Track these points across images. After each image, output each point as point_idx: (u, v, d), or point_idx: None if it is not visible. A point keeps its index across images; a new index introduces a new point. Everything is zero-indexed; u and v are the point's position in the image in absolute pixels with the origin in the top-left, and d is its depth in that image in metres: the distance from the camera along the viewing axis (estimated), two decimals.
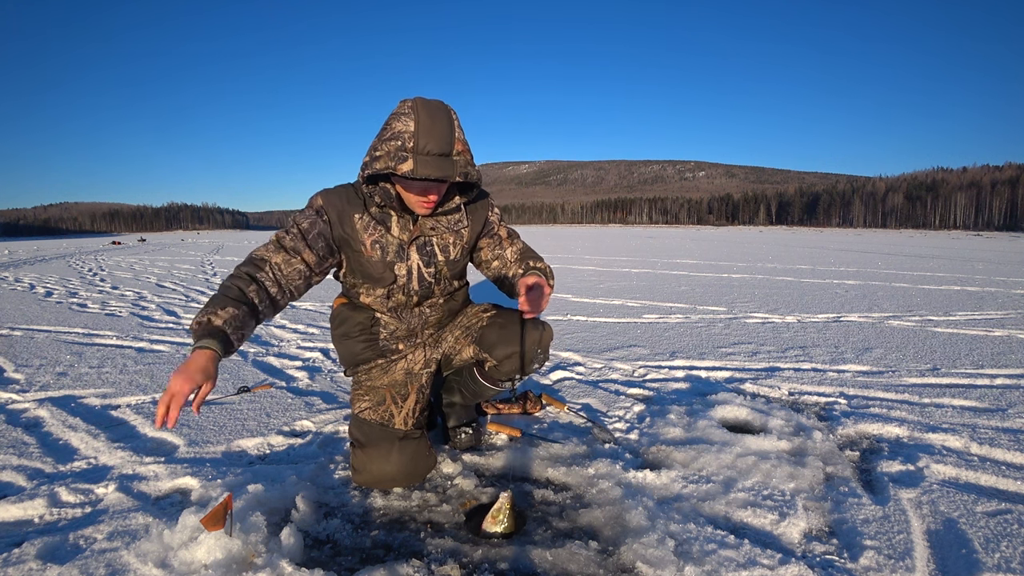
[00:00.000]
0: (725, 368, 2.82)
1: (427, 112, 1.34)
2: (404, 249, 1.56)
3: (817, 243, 20.93)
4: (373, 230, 1.54)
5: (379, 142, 1.37)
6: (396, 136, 1.33)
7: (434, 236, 1.59)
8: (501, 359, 1.66)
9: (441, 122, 1.34)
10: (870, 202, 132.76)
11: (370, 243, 1.54)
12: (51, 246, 24.97)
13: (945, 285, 6.47)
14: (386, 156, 1.33)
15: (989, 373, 2.68)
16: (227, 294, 1.35)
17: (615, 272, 8.25)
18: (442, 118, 1.34)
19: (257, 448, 1.87)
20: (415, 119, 1.32)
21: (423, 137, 1.32)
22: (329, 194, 1.54)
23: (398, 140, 1.33)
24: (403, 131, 1.32)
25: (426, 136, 1.32)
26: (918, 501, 1.45)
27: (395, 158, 1.32)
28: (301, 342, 3.49)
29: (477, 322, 1.75)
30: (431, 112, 1.34)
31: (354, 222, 1.53)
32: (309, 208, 1.54)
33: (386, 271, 1.58)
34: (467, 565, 1.22)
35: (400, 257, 1.57)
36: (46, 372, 2.77)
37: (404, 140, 1.32)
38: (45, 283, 7.39)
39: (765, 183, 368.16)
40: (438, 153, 1.33)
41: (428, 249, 1.60)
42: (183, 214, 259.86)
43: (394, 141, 1.33)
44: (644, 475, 1.59)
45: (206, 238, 37.59)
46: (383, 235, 1.54)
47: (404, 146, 1.32)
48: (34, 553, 1.23)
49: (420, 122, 1.32)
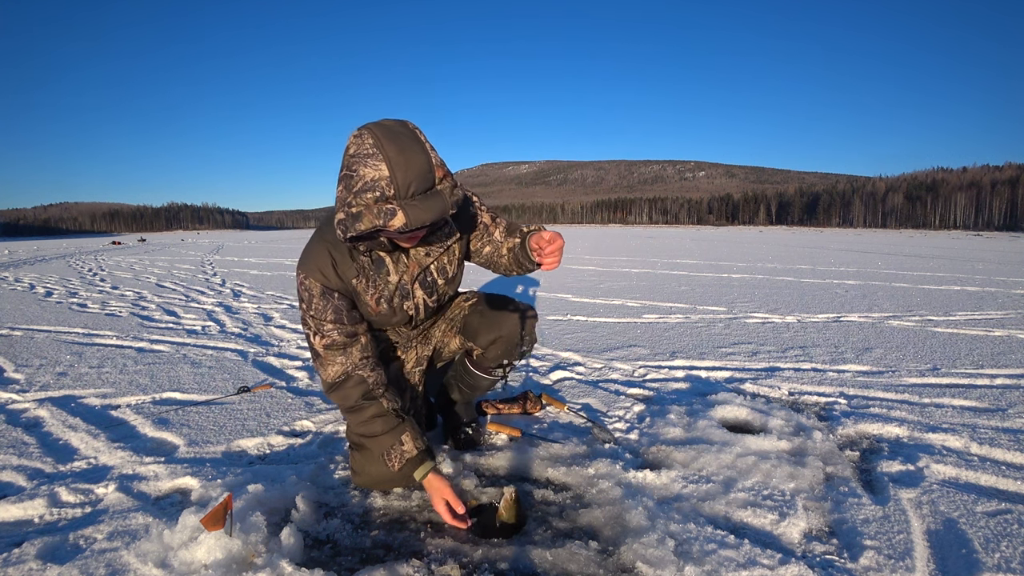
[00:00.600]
0: (725, 368, 2.82)
1: (395, 146, 1.13)
2: (406, 287, 1.50)
3: (817, 243, 20.93)
4: (373, 288, 1.45)
5: (349, 194, 1.16)
6: (370, 186, 1.13)
7: (431, 262, 1.51)
8: (486, 346, 1.67)
9: (414, 152, 1.14)
10: (870, 202, 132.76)
11: (374, 301, 1.47)
12: (51, 246, 24.97)
13: (945, 285, 6.47)
14: (368, 213, 1.14)
15: (989, 373, 2.68)
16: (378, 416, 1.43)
17: (615, 272, 8.25)
18: (412, 147, 1.15)
19: (257, 448, 1.87)
20: (385, 159, 1.12)
21: (402, 179, 1.12)
22: (315, 272, 1.39)
23: (374, 191, 1.13)
24: (377, 179, 1.12)
25: (404, 176, 1.13)
26: (918, 501, 1.45)
27: (381, 214, 1.13)
28: (301, 342, 3.49)
29: (459, 312, 1.76)
30: (399, 145, 1.13)
31: (354, 287, 1.44)
32: (315, 299, 1.40)
33: (395, 315, 1.53)
34: (467, 565, 1.22)
35: (404, 297, 1.50)
36: (46, 372, 2.77)
37: (382, 189, 1.13)
38: (45, 283, 7.39)
39: (765, 183, 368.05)
40: (424, 191, 1.16)
41: (429, 280, 1.53)
42: (183, 214, 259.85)
43: (370, 193, 1.13)
44: (644, 475, 1.59)
45: (206, 238, 37.58)
46: (383, 287, 1.46)
47: (384, 195, 1.13)
48: (34, 553, 1.23)
49: (392, 161, 1.12)
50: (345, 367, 1.43)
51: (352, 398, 1.43)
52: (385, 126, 1.17)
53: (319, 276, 1.40)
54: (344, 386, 1.43)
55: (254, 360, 3.04)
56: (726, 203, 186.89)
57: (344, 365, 1.43)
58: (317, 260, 1.40)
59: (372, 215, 1.14)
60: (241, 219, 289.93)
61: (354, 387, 1.43)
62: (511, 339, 1.66)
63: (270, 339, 3.59)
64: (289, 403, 2.29)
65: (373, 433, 1.43)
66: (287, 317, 4.42)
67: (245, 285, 6.89)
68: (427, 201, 1.15)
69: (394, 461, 1.43)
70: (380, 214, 1.13)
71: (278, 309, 4.87)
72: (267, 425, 2.04)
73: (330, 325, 1.41)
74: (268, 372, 2.80)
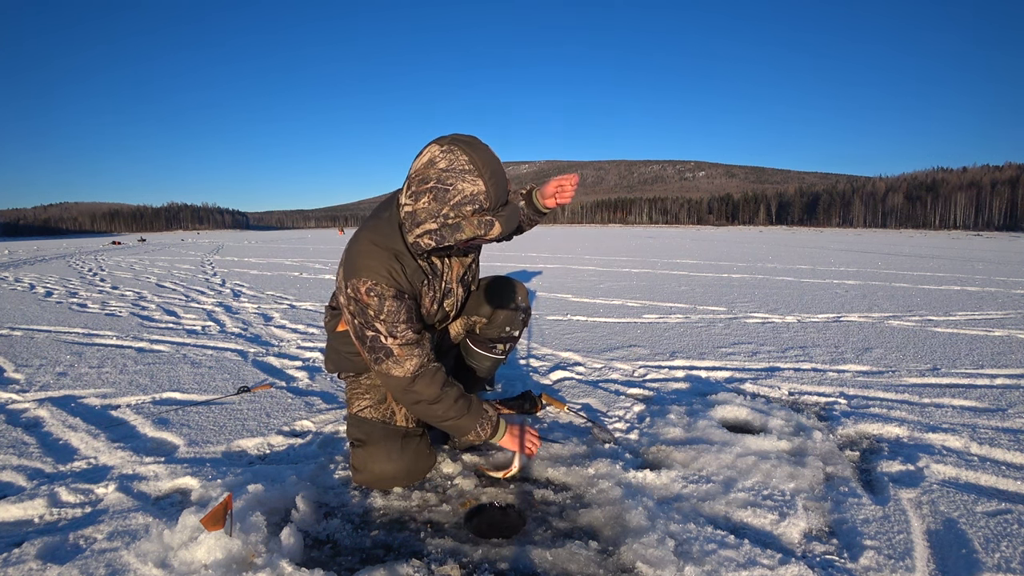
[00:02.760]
0: (725, 368, 2.82)
1: (488, 164, 1.26)
2: (449, 288, 1.61)
3: (817, 243, 20.93)
4: (430, 290, 1.54)
5: (444, 207, 1.26)
6: (470, 200, 1.25)
7: (468, 263, 1.65)
8: (489, 315, 1.77)
9: (500, 170, 1.30)
10: (870, 202, 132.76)
11: (429, 302, 1.56)
12: (51, 246, 24.97)
13: (945, 285, 6.47)
14: (469, 225, 1.27)
15: (989, 373, 2.68)
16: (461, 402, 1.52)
17: (615, 272, 8.25)
18: (498, 165, 1.30)
19: (257, 448, 1.87)
20: (480, 176, 1.25)
21: (495, 194, 1.27)
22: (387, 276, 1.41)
23: (474, 204, 1.26)
24: (476, 193, 1.25)
25: (497, 192, 1.27)
26: (918, 501, 1.45)
27: (482, 225, 1.28)
28: (301, 342, 3.49)
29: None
30: (489, 163, 1.27)
31: (422, 293, 1.52)
32: (388, 300, 1.40)
33: (439, 314, 1.62)
34: (467, 565, 1.22)
35: (447, 295, 1.61)
36: (46, 372, 2.77)
37: (480, 203, 1.26)
38: (45, 283, 7.39)
39: (765, 183, 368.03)
40: (506, 202, 1.33)
41: (467, 279, 1.67)
42: (183, 214, 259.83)
43: (469, 206, 1.26)
44: (644, 475, 1.59)
45: (206, 238, 37.58)
46: (437, 289, 1.56)
47: (482, 208, 1.27)
48: (34, 553, 1.23)
49: (488, 178, 1.26)
50: (422, 359, 1.46)
51: (435, 387, 1.47)
52: (469, 142, 1.28)
53: (392, 281, 1.42)
54: (421, 380, 1.46)
55: (254, 360, 3.04)
56: (726, 203, 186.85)
57: (421, 358, 1.46)
58: (385, 266, 1.42)
59: (473, 226, 1.28)
60: (241, 219, 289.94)
61: (434, 376, 1.47)
62: (510, 302, 1.79)
63: (270, 339, 3.59)
64: (289, 403, 2.29)
65: (460, 414, 1.50)
66: (287, 317, 4.42)
67: (245, 285, 6.89)
68: (510, 210, 1.33)
69: (486, 430, 1.54)
70: (481, 225, 1.28)
71: (278, 309, 4.87)
72: (267, 425, 2.04)
73: (403, 325, 1.43)
74: (268, 372, 2.80)
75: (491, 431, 1.55)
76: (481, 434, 1.54)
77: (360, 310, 1.41)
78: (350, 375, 1.71)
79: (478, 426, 1.53)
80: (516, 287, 1.82)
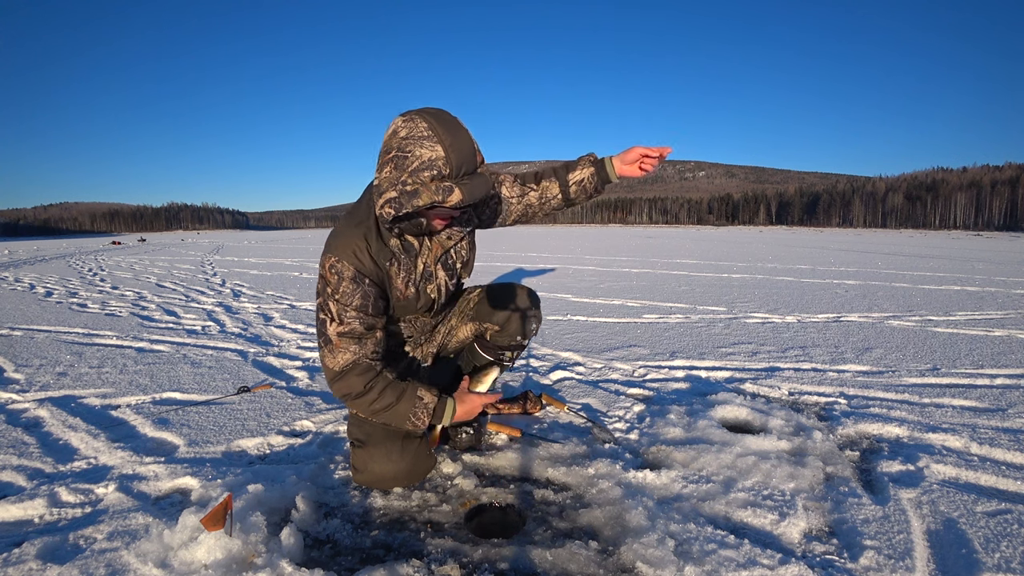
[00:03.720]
0: (725, 368, 2.82)
1: (448, 131, 1.22)
2: (430, 270, 1.53)
3: (817, 243, 20.93)
4: (404, 271, 1.48)
5: (403, 173, 1.23)
6: (428, 166, 1.20)
7: (452, 245, 1.57)
8: (502, 322, 1.75)
9: (463, 137, 1.24)
10: (870, 202, 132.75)
11: (403, 285, 1.49)
12: (51, 246, 24.97)
13: (945, 285, 6.47)
14: (427, 190, 1.21)
15: (989, 373, 2.68)
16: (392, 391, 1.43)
17: (615, 272, 8.25)
18: (461, 132, 1.25)
19: (257, 448, 1.87)
20: (440, 141, 1.21)
21: (456, 160, 1.22)
22: (349, 254, 1.38)
23: (431, 169, 1.21)
24: (434, 158, 1.20)
25: (458, 157, 1.22)
26: (918, 501, 1.45)
27: (440, 191, 1.21)
28: (301, 342, 3.49)
29: (468, 303, 1.83)
30: (451, 129, 1.23)
31: (388, 271, 1.44)
32: (344, 282, 1.38)
33: (419, 299, 1.55)
34: (467, 565, 1.22)
35: (428, 279, 1.54)
36: (46, 372, 2.77)
37: (439, 168, 1.21)
38: (45, 283, 7.39)
39: (765, 183, 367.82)
40: (471, 170, 1.26)
41: (450, 263, 1.60)
42: (183, 214, 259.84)
43: (427, 171, 1.21)
44: (644, 475, 1.59)
45: (206, 238, 37.59)
46: (411, 270, 1.49)
47: (441, 174, 1.21)
48: (34, 553, 1.23)
49: (447, 144, 1.21)
50: (356, 356, 1.41)
51: (360, 383, 1.41)
52: (433, 112, 1.25)
53: (353, 259, 1.38)
54: (350, 374, 1.41)
55: (254, 360, 3.04)
56: (726, 203, 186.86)
57: (356, 355, 1.41)
58: (351, 243, 1.39)
59: (430, 192, 1.21)
60: (241, 219, 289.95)
61: (362, 373, 1.41)
62: (525, 311, 1.78)
63: (270, 339, 3.59)
64: (289, 403, 2.29)
65: (389, 405, 1.41)
66: (287, 317, 4.42)
67: (245, 285, 6.89)
68: (476, 180, 1.25)
69: (421, 418, 1.43)
70: (438, 191, 1.21)
71: (278, 309, 4.87)
72: (267, 425, 2.04)
73: (353, 312, 1.39)
74: (268, 372, 2.80)
75: (429, 416, 1.43)
76: (417, 423, 1.43)
77: (322, 287, 1.41)
78: None
79: (411, 415, 1.42)
80: (530, 296, 1.81)
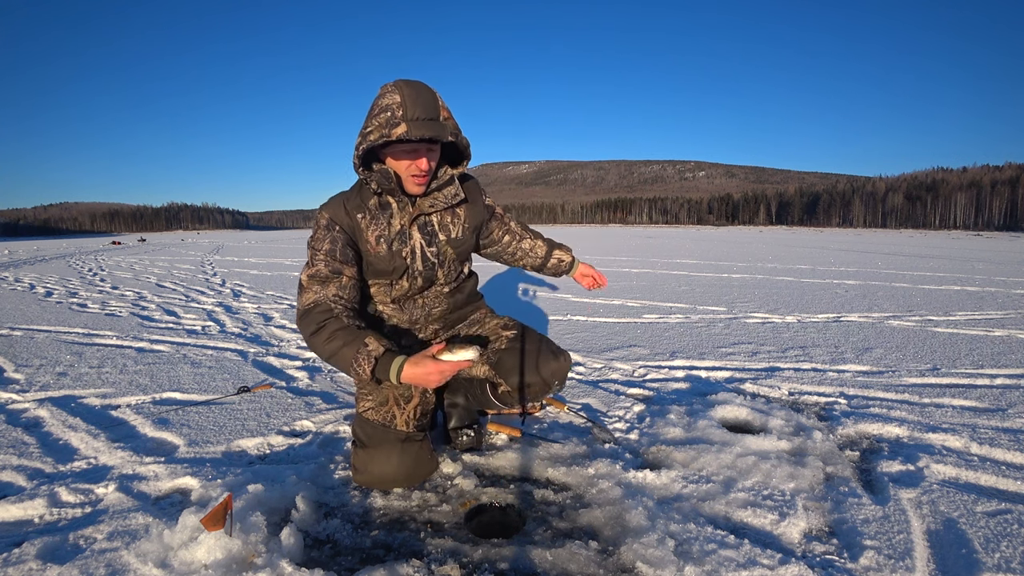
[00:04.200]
0: (725, 368, 2.82)
1: (410, 86, 1.40)
2: (405, 231, 1.57)
3: (817, 243, 20.92)
4: (375, 225, 1.55)
5: (368, 120, 1.41)
6: (383, 110, 1.38)
7: (433, 215, 1.61)
8: (517, 388, 1.66)
9: (425, 93, 1.41)
10: (870, 202, 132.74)
11: (375, 239, 1.55)
12: (51, 246, 24.97)
13: (945, 285, 6.47)
14: (378, 128, 1.38)
15: (989, 373, 2.68)
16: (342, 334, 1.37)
17: (615, 272, 8.25)
18: (424, 90, 1.41)
19: (257, 448, 1.87)
20: (399, 93, 1.38)
21: (411, 106, 1.37)
22: (330, 206, 1.56)
23: (387, 112, 1.37)
24: (390, 104, 1.38)
25: (413, 105, 1.37)
26: (918, 501, 1.45)
27: (387, 126, 1.36)
28: (301, 342, 3.49)
29: (496, 340, 1.72)
30: (413, 86, 1.41)
31: (359, 222, 1.55)
32: (319, 229, 1.54)
33: (394, 259, 1.58)
34: (467, 565, 1.22)
35: (403, 241, 1.57)
36: (46, 372, 2.77)
37: (393, 111, 1.37)
38: (45, 283, 7.39)
39: (765, 183, 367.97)
40: (427, 118, 1.39)
41: (429, 228, 1.61)
42: (183, 214, 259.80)
43: (383, 114, 1.38)
44: (644, 475, 1.59)
45: (206, 238, 37.59)
46: (385, 227, 1.56)
47: (394, 116, 1.36)
48: (34, 553, 1.23)
49: (405, 94, 1.38)
50: (318, 296, 1.45)
51: (315, 323, 1.41)
52: (407, 79, 1.43)
53: (330, 210, 1.55)
54: (311, 312, 1.43)
55: (254, 360, 3.04)
56: (726, 203, 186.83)
57: (318, 295, 1.45)
58: (334, 199, 1.58)
59: (379, 128, 1.37)
60: (241, 219, 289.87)
61: (320, 313, 1.42)
62: (544, 387, 1.66)
63: (270, 339, 3.59)
64: (289, 403, 2.29)
65: (337, 349, 1.37)
66: (287, 317, 4.42)
67: (245, 285, 6.89)
68: (428, 123, 1.38)
69: (363, 366, 1.34)
70: (385, 126, 1.37)
71: (278, 309, 4.87)
72: (267, 425, 2.04)
73: (321, 256, 1.50)
74: (268, 372, 2.80)
75: (370, 365, 1.34)
76: (358, 370, 1.35)
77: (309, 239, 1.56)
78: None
79: (354, 361, 1.35)
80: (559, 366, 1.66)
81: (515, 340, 1.71)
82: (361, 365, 1.34)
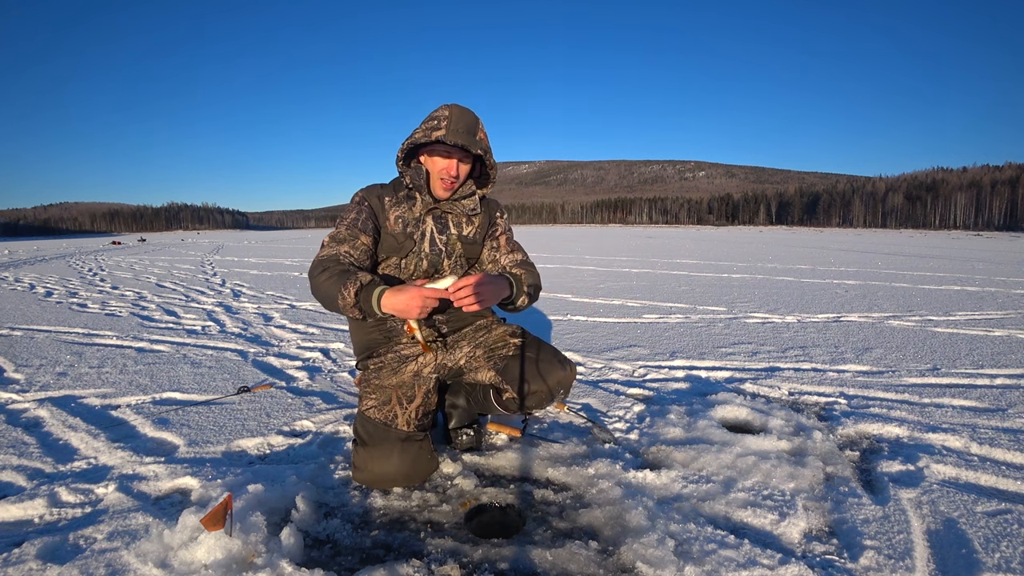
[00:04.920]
0: (725, 368, 2.82)
1: (459, 108, 1.67)
2: (421, 218, 1.76)
3: (817, 243, 20.92)
4: (398, 207, 1.76)
5: (420, 126, 1.68)
6: (433, 119, 1.66)
7: (450, 215, 1.79)
8: (522, 394, 1.67)
9: (469, 115, 1.67)
10: (870, 202, 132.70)
11: (393, 218, 1.74)
12: (51, 246, 24.97)
13: (945, 285, 6.47)
14: (424, 131, 1.65)
15: (989, 373, 2.68)
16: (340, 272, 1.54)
17: (615, 272, 8.25)
18: (469, 113, 1.68)
19: (257, 448, 1.87)
20: (449, 110, 1.66)
21: (455, 120, 1.64)
22: (365, 189, 1.80)
23: (434, 121, 1.65)
24: (439, 116, 1.66)
25: (457, 120, 1.64)
26: (918, 501, 1.45)
27: (431, 129, 1.63)
28: (301, 342, 3.49)
29: (503, 347, 1.74)
30: (462, 108, 1.68)
31: (384, 203, 1.76)
32: (351, 204, 1.76)
33: (406, 240, 1.74)
34: (467, 565, 1.22)
35: (417, 226, 1.76)
36: (46, 372, 2.77)
37: (439, 121, 1.64)
38: (45, 283, 7.39)
39: (765, 183, 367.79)
40: (465, 132, 1.64)
41: (443, 221, 1.79)
42: (183, 214, 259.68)
43: (431, 122, 1.65)
44: (644, 475, 1.59)
45: (206, 238, 37.59)
46: (406, 211, 1.76)
47: (439, 124, 1.63)
48: (34, 553, 1.23)
49: (453, 112, 1.66)
50: (331, 251, 1.63)
51: (322, 267, 1.58)
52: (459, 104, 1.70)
53: (364, 191, 1.78)
54: (322, 261, 1.61)
55: (254, 360, 3.04)
56: (726, 203, 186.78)
57: (332, 251, 1.64)
58: (371, 185, 1.82)
59: (424, 131, 1.65)
60: (241, 219, 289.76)
61: (328, 260, 1.60)
62: (549, 395, 1.69)
63: (270, 339, 3.59)
64: (289, 403, 2.29)
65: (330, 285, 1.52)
66: (287, 317, 4.42)
67: (245, 285, 6.89)
68: (465, 135, 1.63)
69: (349, 290, 1.47)
70: (428, 130, 1.64)
71: (278, 309, 4.87)
72: (267, 425, 2.04)
73: (346, 223, 1.70)
74: (268, 372, 2.80)
75: (355, 287, 1.47)
76: (345, 294, 1.47)
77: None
78: (365, 365, 1.75)
79: (342, 287, 1.48)
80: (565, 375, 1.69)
81: (522, 347, 1.73)
82: (348, 289, 1.48)
